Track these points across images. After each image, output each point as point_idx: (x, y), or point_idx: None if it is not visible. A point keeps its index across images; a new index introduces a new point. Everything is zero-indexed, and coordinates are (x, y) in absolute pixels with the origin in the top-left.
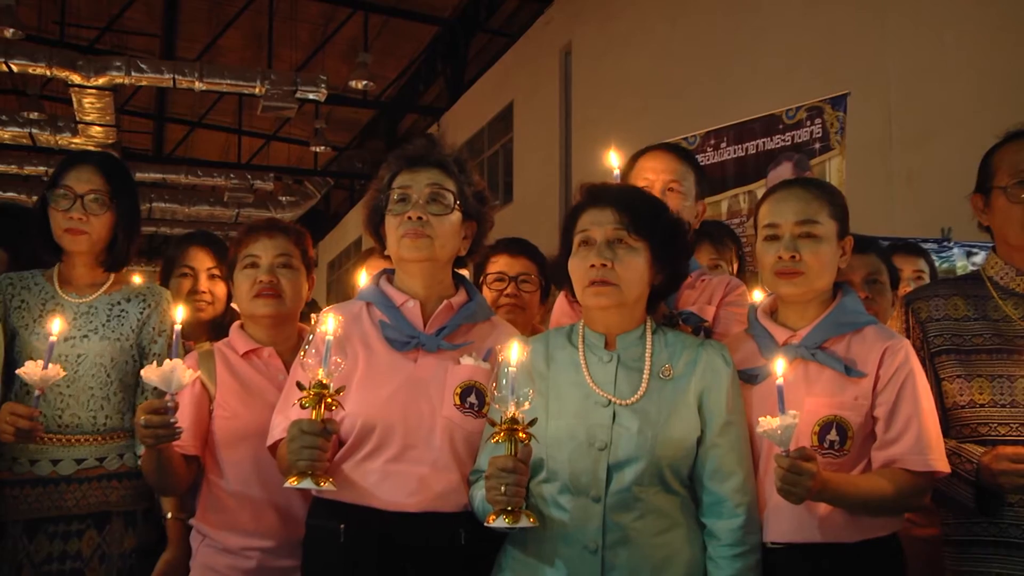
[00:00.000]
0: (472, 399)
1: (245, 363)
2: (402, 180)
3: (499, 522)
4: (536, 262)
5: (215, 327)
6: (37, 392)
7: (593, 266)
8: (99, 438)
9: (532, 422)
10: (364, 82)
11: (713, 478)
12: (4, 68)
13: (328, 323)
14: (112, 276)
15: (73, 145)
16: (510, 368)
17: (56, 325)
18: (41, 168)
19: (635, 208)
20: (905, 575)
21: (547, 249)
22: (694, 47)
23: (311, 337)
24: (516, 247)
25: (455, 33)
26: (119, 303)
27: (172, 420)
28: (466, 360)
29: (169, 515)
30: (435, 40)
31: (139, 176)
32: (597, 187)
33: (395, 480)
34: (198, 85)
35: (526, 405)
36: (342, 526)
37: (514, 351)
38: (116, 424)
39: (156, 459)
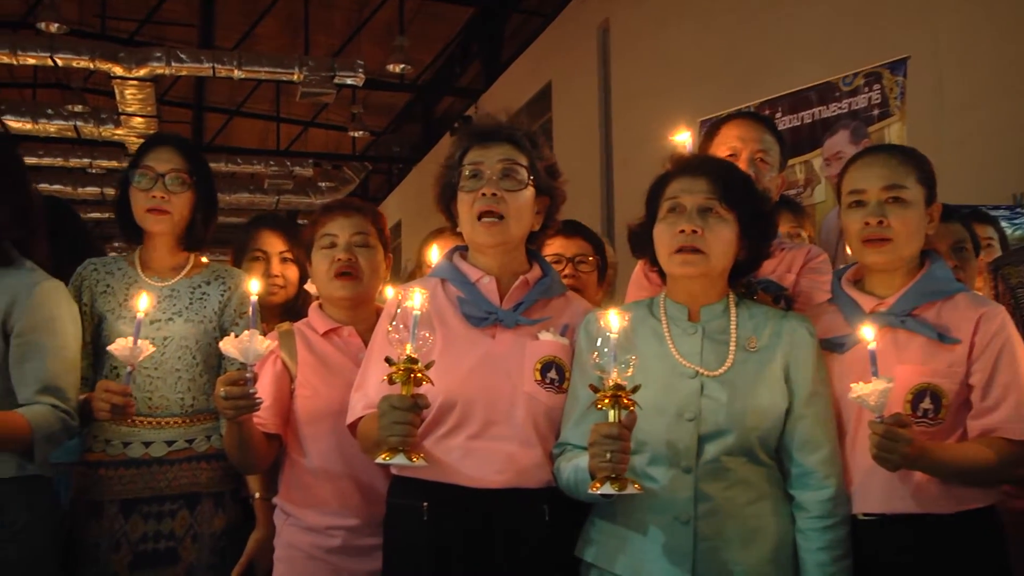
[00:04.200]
0: (552, 374)
1: (325, 342)
2: (473, 156)
3: (605, 489)
4: (592, 242)
5: (287, 310)
6: (128, 368)
7: (682, 231)
8: (187, 420)
9: (635, 388)
10: (401, 66)
11: (801, 449)
12: (49, 62)
13: (415, 298)
14: (192, 258)
15: (116, 136)
16: (611, 334)
17: (143, 302)
18: (85, 160)
19: (728, 179)
20: (1005, 549)
21: None
22: (737, 17)
23: (398, 312)
24: (571, 228)
25: (490, 14)
26: (200, 286)
27: (251, 391)
28: (544, 335)
29: (256, 495)
30: (470, 22)
31: None
32: (689, 156)
33: (479, 457)
34: (237, 73)
35: (629, 371)
36: (425, 504)
37: (614, 318)
38: (203, 406)
39: (237, 434)
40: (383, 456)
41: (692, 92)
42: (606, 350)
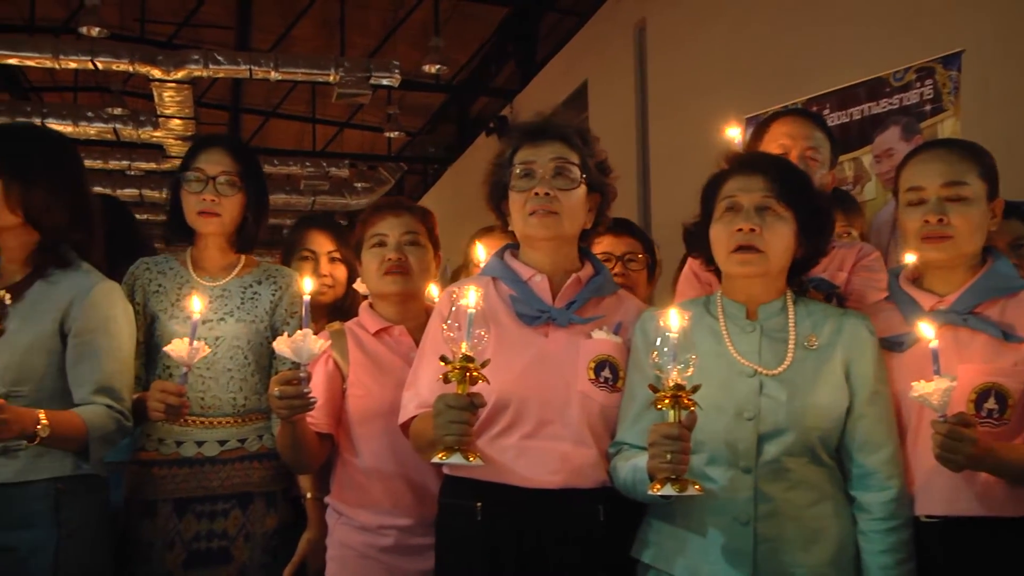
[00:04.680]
0: (606, 373)
1: (376, 341)
2: (524, 155)
3: (666, 490)
4: (642, 241)
5: (336, 310)
6: (184, 369)
7: (740, 230)
8: (239, 419)
9: (696, 388)
10: (437, 66)
11: (862, 450)
12: (90, 66)
13: (469, 296)
14: (243, 258)
15: (154, 139)
16: (671, 333)
17: (197, 303)
18: (124, 162)
19: (785, 177)
20: None
21: None
22: (778, 13)
23: (452, 310)
24: (621, 226)
25: (525, 14)
26: (251, 285)
27: (305, 390)
28: (598, 334)
29: (308, 495)
30: (505, 21)
31: None
32: (745, 154)
33: (533, 456)
34: (273, 75)
35: (689, 371)
36: (478, 504)
37: (674, 316)
38: (254, 405)
39: (291, 434)
40: (439, 456)
41: (732, 90)
42: (666, 349)
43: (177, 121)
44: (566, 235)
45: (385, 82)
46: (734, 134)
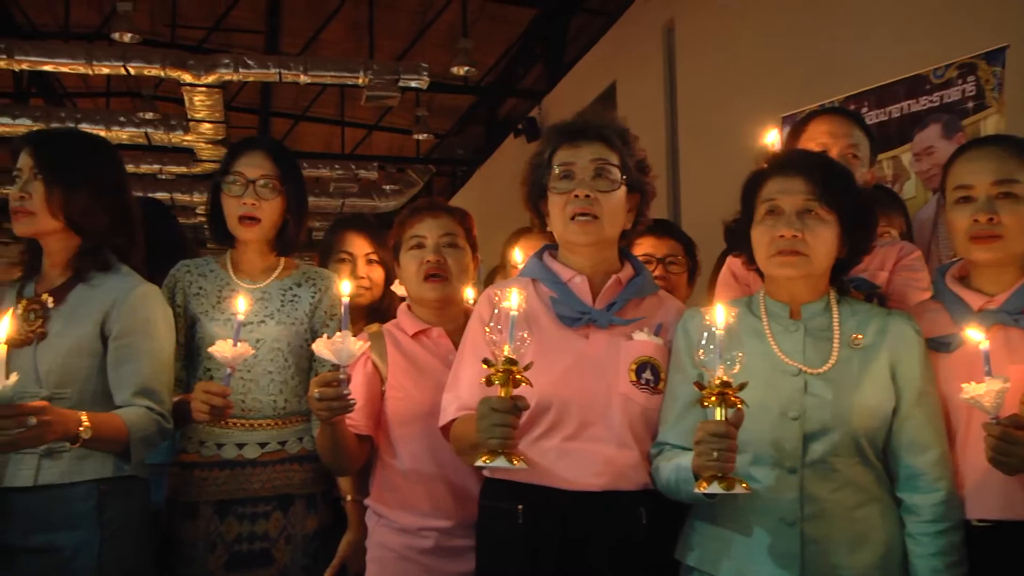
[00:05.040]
0: (648, 375)
1: (415, 343)
2: (563, 156)
3: (712, 488)
4: (682, 242)
5: (373, 312)
6: (228, 371)
7: (782, 236)
8: (279, 422)
9: (742, 385)
10: (465, 68)
11: (910, 451)
12: (122, 71)
13: (512, 298)
14: (283, 261)
15: (185, 143)
16: (717, 331)
17: (241, 304)
18: (156, 166)
19: (827, 178)
20: None
21: None
22: (812, 10)
23: (495, 312)
24: (662, 228)
25: (553, 15)
26: (291, 288)
27: (345, 392)
28: (639, 335)
29: (348, 497)
30: (533, 23)
31: None
32: (786, 154)
33: (575, 459)
34: (303, 78)
35: (736, 368)
36: (520, 507)
37: (720, 313)
38: (294, 408)
39: (330, 436)
40: (483, 459)
41: (765, 90)
42: (712, 346)
43: (207, 125)
44: (606, 239)
45: (414, 84)
46: (772, 138)
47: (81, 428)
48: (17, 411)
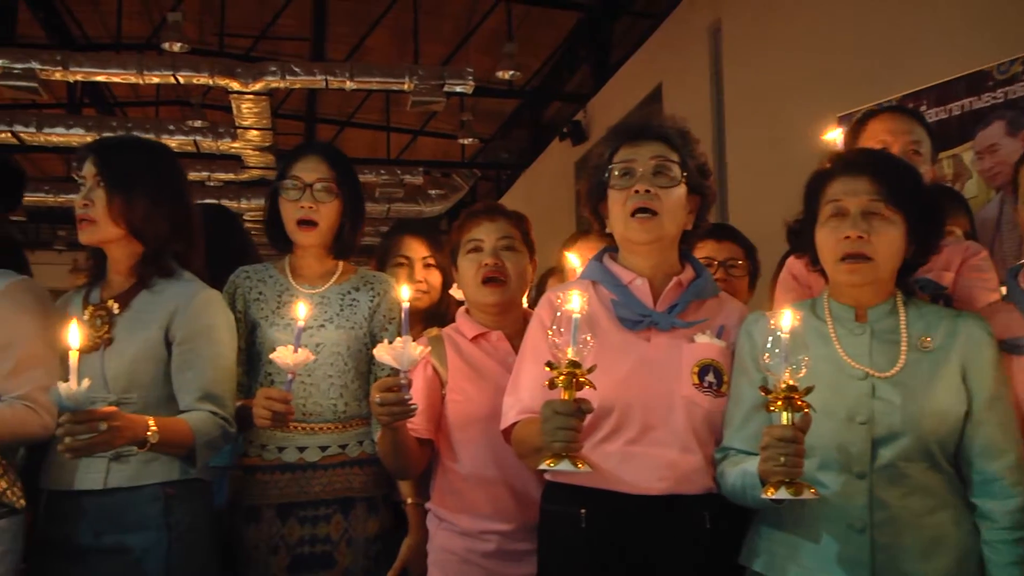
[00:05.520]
0: (710, 378)
1: (474, 346)
2: (624, 154)
3: (780, 494)
4: (743, 246)
5: (431, 316)
6: (290, 376)
7: (847, 238)
8: (339, 425)
9: (809, 390)
10: (511, 72)
11: (983, 456)
12: (172, 80)
13: (574, 300)
14: (341, 265)
15: (233, 150)
16: (783, 334)
17: (302, 310)
18: (204, 173)
19: (893, 178)
20: None
21: None
22: (864, 8)
23: (558, 315)
24: (722, 232)
25: (598, 18)
26: (349, 292)
27: (407, 397)
28: (701, 338)
29: (409, 500)
30: (578, 26)
31: None
32: (850, 153)
33: (638, 462)
34: (349, 85)
35: (802, 372)
36: (582, 511)
37: (785, 317)
38: (354, 411)
39: (392, 440)
40: (547, 462)
41: (816, 90)
42: (777, 350)
43: (255, 132)
44: (666, 237)
45: (459, 89)
46: (834, 136)
47: (148, 432)
48: (89, 416)
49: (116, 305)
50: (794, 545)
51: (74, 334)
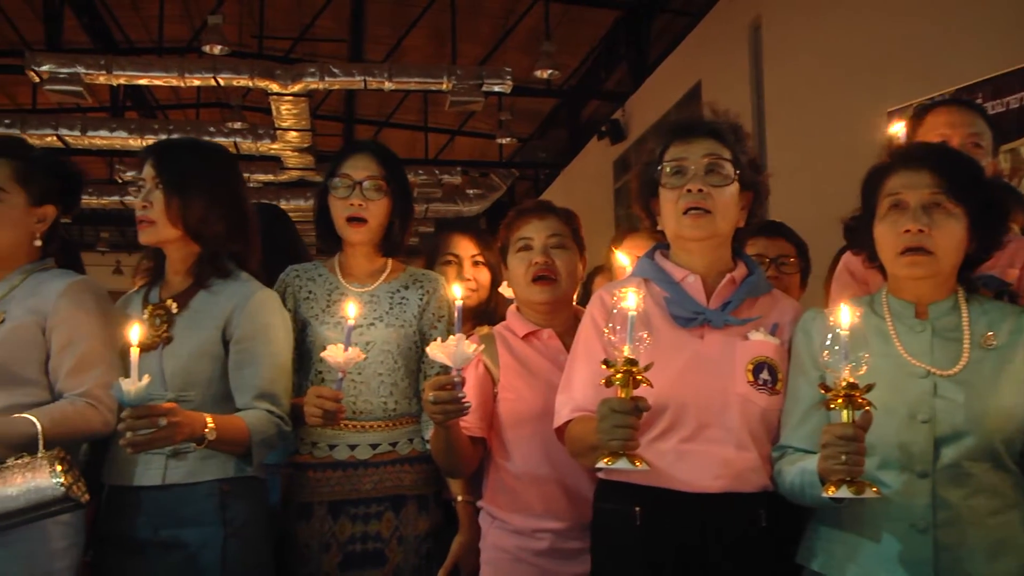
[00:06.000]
0: (765, 375)
1: (525, 345)
2: (675, 152)
3: (841, 492)
4: (794, 243)
5: (479, 314)
6: (340, 375)
7: (908, 231)
8: (390, 423)
9: (869, 387)
10: (549, 71)
11: None
12: (213, 83)
13: (629, 298)
14: (390, 263)
15: (272, 151)
16: (842, 331)
17: (352, 309)
18: (244, 174)
19: (954, 170)
20: None
21: None
22: (908, 2)
23: (614, 312)
24: (774, 229)
25: (637, 16)
26: (399, 290)
27: (460, 395)
28: (755, 335)
29: (460, 498)
30: (616, 24)
31: None
32: (910, 146)
33: (693, 460)
34: (387, 85)
35: (862, 370)
36: (637, 509)
37: (845, 313)
38: (404, 409)
39: (444, 439)
40: (604, 460)
41: (864, 86)
42: (837, 347)
43: (294, 134)
44: (719, 234)
45: (497, 89)
46: (897, 129)
47: (207, 430)
48: (150, 412)
49: (174, 304)
50: (853, 544)
51: (135, 332)
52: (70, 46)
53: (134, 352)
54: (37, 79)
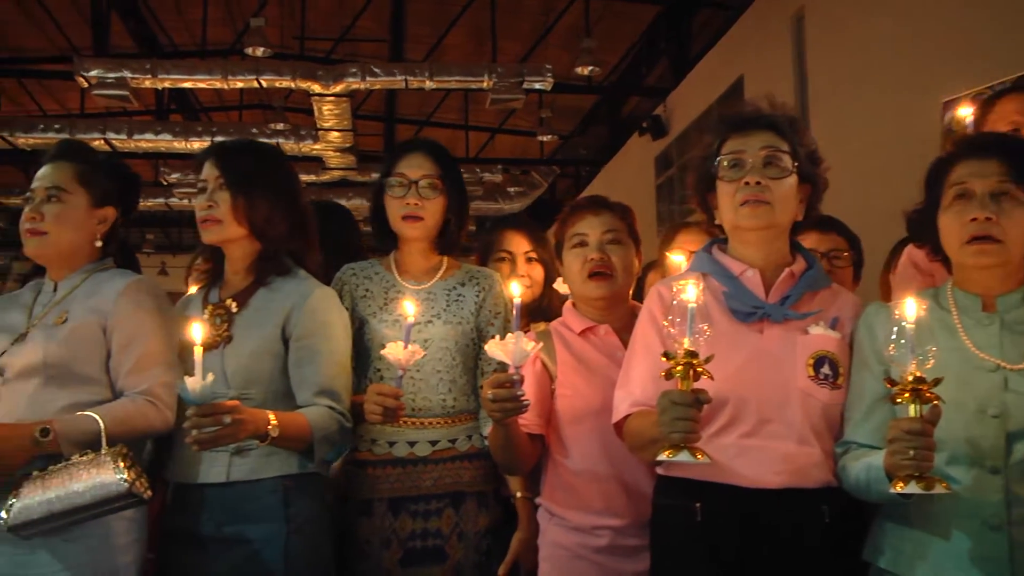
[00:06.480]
0: (826, 369)
1: (582, 341)
2: (733, 145)
3: (910, 488)
4: (847, 237)
5: (534, 310)
6: (400, 372)
7: (974, 220)
8: (448, 420)
9: (937, 381)
10: (589, 68)
11: None
12: (255, 84)
13: (689, 291)
14: (445, 261)
15: (314, 151)
16: (907, 324)
17: (411, 307)
18: None
19: (1022, 158)
20: None
21: None
22: None
23: (674, 304)
24: (826, 223)
25: (678, 10)
26: (455, 288)
27: (519, 393)
28: (815, 329)
29: (519, 494)
30: (657, 19)
31: (373, 176)
32: (976, 135)
33: (754, 456)
34: (428, 84)
35: (929, 364)
36: (698, 504)
37: (910, 307)
38: (463, 406)
39: (503, 436)
40: (666, 453)
41: (914, 76)
42: (903, 341)
43: (336, 134)
44: (777, 226)
45: (538, 86)
46: (965, 113)
47: (270, 426)
48: (214, 410)
49: (234, 304)
50: (923, 542)
51: (199, 330)
52: (116, 51)
53: (198, 351)
54: (86, 84)
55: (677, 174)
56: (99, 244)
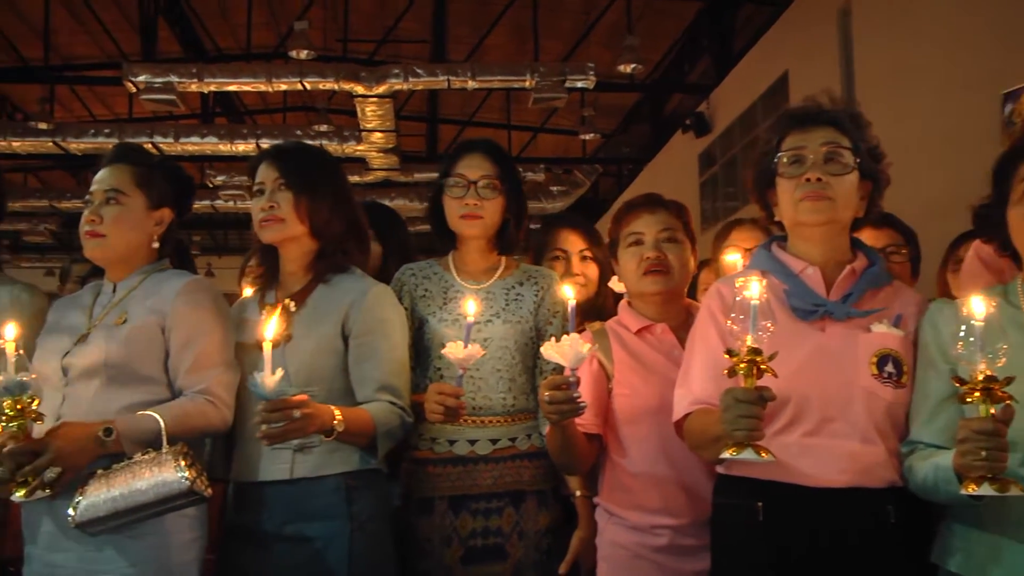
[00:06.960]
0: (889, 368)
1: (639, 340)
2: (793, 141)
3: (983, 490)
4: (904, 233)
5: (589, 309)
6: (460, 371)
7: None
8: (508, 419)
9: (1009, 380)
10: (632, 65)
11: None
12: (299, 87)
13: (752, 287)
14: (503, 260)
15: (357, 152)
16: (976, 322)
17: (472, 306)
18: None
19: None
20: None
21: None
22: None
23: (737, 300)
24: (881, 219)
25: (720, 6)
26: (513, 287)
27: (575, 395)
28: (878, 327)
29: (578, 493)
30: (699, 16)
31: (416, 176)
32: None
33: (817, 455)
34: (471, 84)
35: (1000, 362)
36: (759, 504)
37: (978, 304)
38: (522, 405)
39: (560, 437)
40: (729, 451)
41: (968, 68)
42: (972, 339)
43: (379, 135)
44: (838, 222)
45: (580, 84)
46: None
47: (335, 421)
48: (284, 405)
49: (292, 303)
50: (996, 545)
51: (271, 327)
52: (163, 56)
53: (267, 347)
54: (134, 89)
55: (721, 171)
56: (156, 245)
